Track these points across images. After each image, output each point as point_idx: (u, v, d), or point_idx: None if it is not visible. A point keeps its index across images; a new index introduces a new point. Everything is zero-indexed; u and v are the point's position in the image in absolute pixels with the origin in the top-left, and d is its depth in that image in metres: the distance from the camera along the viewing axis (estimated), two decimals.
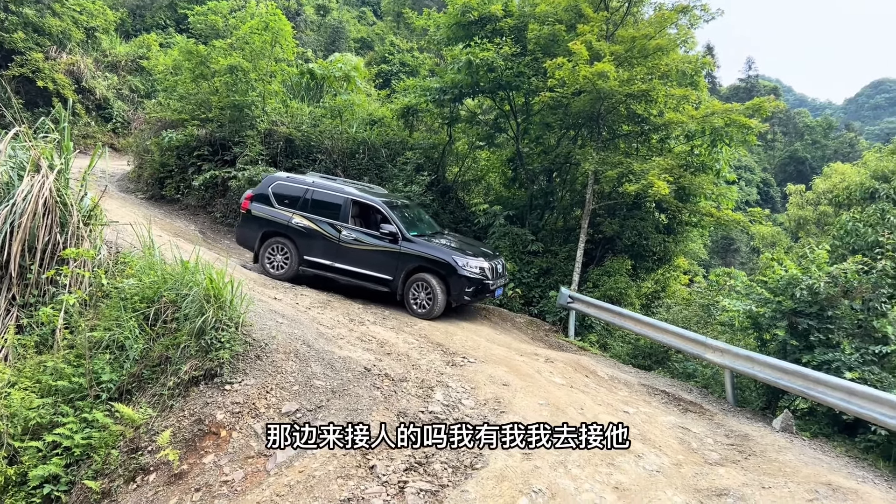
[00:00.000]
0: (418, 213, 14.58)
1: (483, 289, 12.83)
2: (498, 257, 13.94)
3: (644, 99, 16.17)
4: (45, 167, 10.34)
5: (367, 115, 19.82)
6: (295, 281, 13.56)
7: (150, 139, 19.01)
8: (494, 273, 13.18)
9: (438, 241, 13.25)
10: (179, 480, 7.11)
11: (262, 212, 13.73)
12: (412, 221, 13.68)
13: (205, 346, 8.34)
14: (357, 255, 13.11)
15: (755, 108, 15.93)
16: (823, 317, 10.53)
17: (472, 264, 12.69)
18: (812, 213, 32.32)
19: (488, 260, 13.15)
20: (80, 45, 26.53)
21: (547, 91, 15.92)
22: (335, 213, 13.35)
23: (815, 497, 6.55)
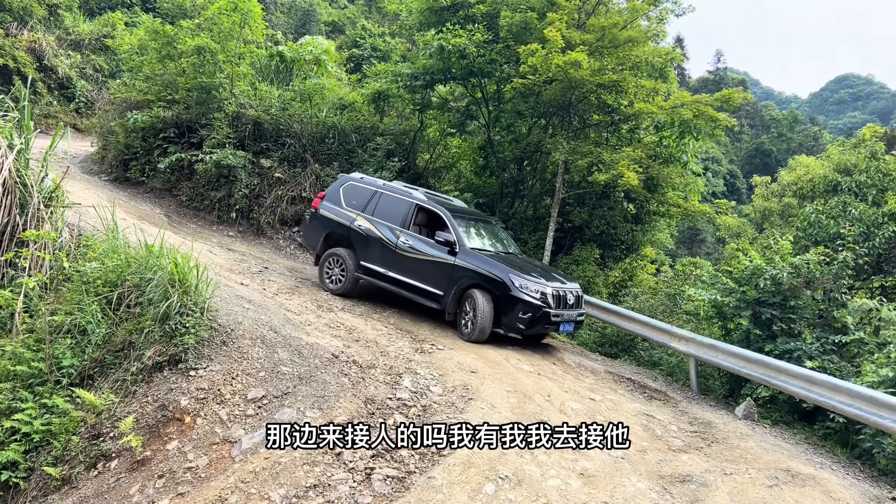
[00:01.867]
0: (493, 230, 12.99)
1: (541, 318, 10.67)
2: (570, 285, 11.63)
3: (615, 89, 16.24)
4: (5, 147, 10.05)
5: (337, 99, 19.62)
6: (352, 296, 12.47)
7: (115, 120, 18.59)
8: (560, 302, 10.96)
9: (505, 258, 11.54)
10: (142, 467, 7.01)
11: (329, 211, 12.85)
12: (481, 236, 12.11)
13: (169, 331, 8.21)
14: (410, 265, 11.68)
15: (724, 99, 16.10)
16: (786, 307, 10.73)
17: (532, 287, 10.70)
18: (777, 204, 32.87)
19: (553, 284, 11.08)
20: (41, 21, 25.82)
21: (519, 78, 15.91)
22: (397, 217, 12.11)
23: (775, 483, 6.69)
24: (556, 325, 10.98)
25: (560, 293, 10.99)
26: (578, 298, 11.56)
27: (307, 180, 17.23)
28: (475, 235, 11.92)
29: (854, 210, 15.56)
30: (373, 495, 6.20)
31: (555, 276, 11.68)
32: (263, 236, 16.62)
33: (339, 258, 12.46)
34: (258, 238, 16.53)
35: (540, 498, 6.06)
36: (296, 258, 15.94)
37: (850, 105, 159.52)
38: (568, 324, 11.21)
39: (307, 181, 17.21)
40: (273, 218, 16.77)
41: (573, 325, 11.46)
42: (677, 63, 19.30)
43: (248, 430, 7.32)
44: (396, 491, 6.24)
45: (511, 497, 6.04)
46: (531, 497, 6.06)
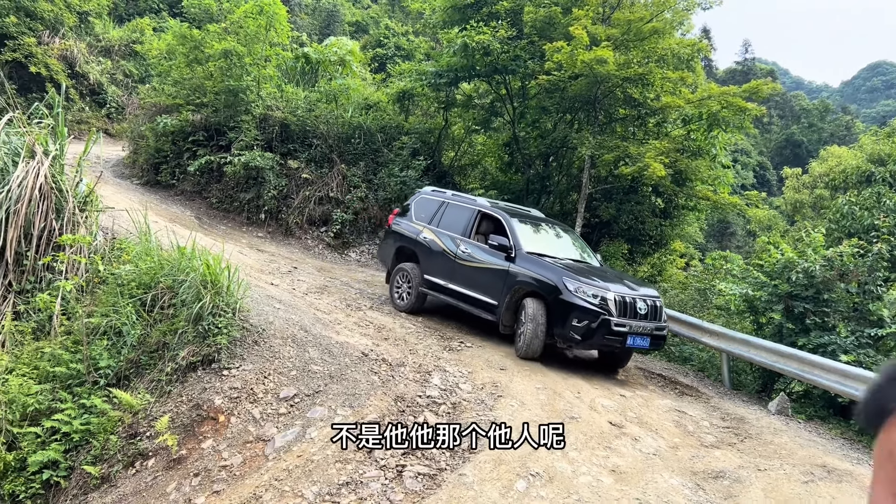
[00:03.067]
0: (566, 238, 11.67)
1: (600, 328, 9.14)
2: (643, 291, 9.98)
3: (641, 83, 16.12)
4: (40, 153, 10.29)
5: (362, 99, 19.72)
6: (419, 312, 11.74)
7: (145, 124, 18.89)
8: (627, 311, 9.37)
9: (568, 264, 10.17)
10: (178, 465, 7.14)
11: (400, 226, 12.40)
12: (548, 243, 10.98)
13: (202, 331, 8.34)
14: (468, 274, 10.80)
15: (752, 90, 15.90)
16: (819, 300, 10.57)
17: (588, 291, 9.28)
18: (808, 196, 32.33)
19: (617, 288, 9.58)
20: (73, 29, 26.30)
21: (544, 74, 15.86)
22: (460, 226, 11.38)
23: (811, 478, 6.61)
24: (622, 338, 9.28)
25: (627, 299, 9.41)
26: (655, 308, 9.70)
27: (334, 180, 17.35)
28: (541, 242, 10.78)
29: (889, 200, 15.25)
30: (404, 492, 6.25)
31: (625, 282, 10.12)
32: (292, 237, 16.78)
33: (406, 273, 11.83)
34: (287, 238, 16.69)
35: (571, 495, 6.06)
36: (324, 258, 16.07)
37: (884, 93, 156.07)
38: (640, 337, 9.40)
39: (334, 181, 17.33)
40: (301, 218, 16.92)
41: (648, 339, 9.52)
42: (704, 55, 19.07)
43: (280, 428, 7.41)
44: (428, 488, 6.28)
45: (542, 494, 6.04)
46: (563, 494, 6.06)
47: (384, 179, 17.43)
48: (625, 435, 7.60)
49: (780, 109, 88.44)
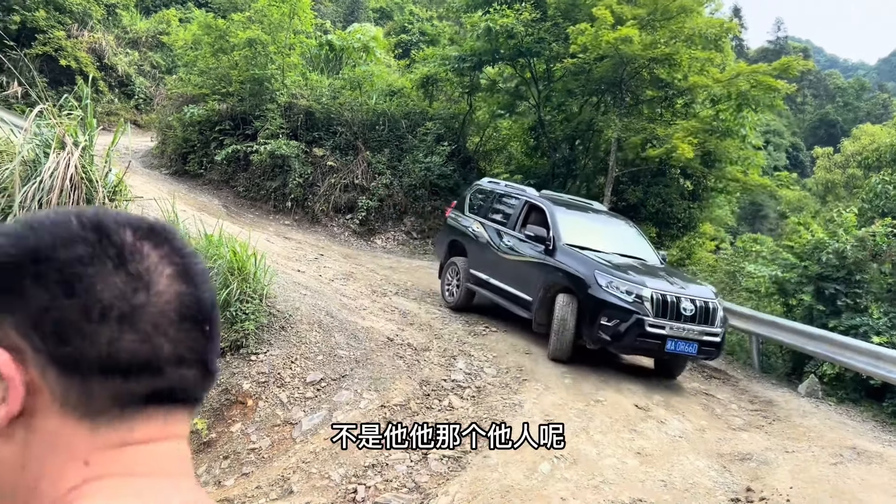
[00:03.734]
0: (621, 230, 10.68)
1: (632, 329, 8.17)
2: (692, 290, 8.86)
3: (668, 63, 15.88)
4: (70, 144, 10.45)
5: (386, 85, 19.71)
6: (467, 310, 11.09)
7: (172, 115, 19.09)
8: (668, 311, 8.29)
9: (614, 260, 9.17)
10: (208, 448, 7.27)
11: (454, 219, 11.93)
12: (598, 236, 9.96)
13: (230, 317, 8.46)
14: (508, 268, 10.16)
15: (783, 67, 15.57)
16: (851, 281, 10.40)
17: (622, 286, 8.37)
18: (840, 176, 31.66)
19: (657, 284, 8.56)
20: (101, 22, 26.62)
21: (569, 57, 15.71)
22: (506, 217, 10.73)
23: (840, 460, 6.53)
24: (659, 342, 8.21)
25: (668, 298, 8.32)
26: (706, 310, 8.48)
27: (359, 167, 17.40)
28: (589, 235, 9.79)
29: None
30: (429, 474, 6.30)
31: (674, 279, 9.03)
32: (318, 224, 16.89)
33: (455, 268, 11.31)
34: (313, 226, 16.81)
35: (596, 477, 6.06)
36: (350, 245, 16.17)
37: None
38: (683, 342, 8.27)
39: (359, 168, 17.39)
40: (327, 206, 17.02)
41: (695, 345, 8.34)
42: (734, 34, 18.73)
43: (307, 412, 7.52)
44: (452, 470, 6.33)
45: (567, 476, 6.05)
46: (587, 476, 6.07)
47: (408, 166, 17.45)
48: (650, 418, 7.57)
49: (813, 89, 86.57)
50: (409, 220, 17.53)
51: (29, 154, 10.34)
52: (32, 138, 10.53)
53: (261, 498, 6.32)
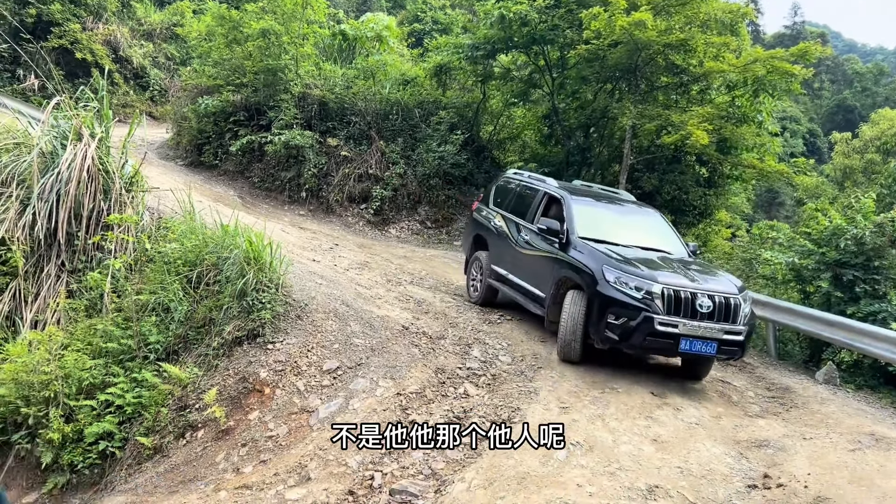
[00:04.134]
0: (646, 222, 9.94)
1: (641, 327, 7.63)
2: (712, 284, 8.07)
3: (683, 49, 15.72)
4: (87, 136, 10.55)
5: (399, 75, 19.68)
6: (490, 305, 10.76)
7: (187, 106, 19.18)
8: (682, 308, 7.70)
9: (630, 254, 8.50)
10: (226, 436, 7.35)
11: (479, 213, 11.51)
12: (619, 227, 9.41)
13: (246, 307, 8.53)
14: (523, 263, 9.75)
15: (800, 53, 15.39)
16: (870, 267, 10.30)
17: (630, 282, 7.81)
18: (859, 161, 31.29)
19: (670, 279, 7.90)
20: (115, 14, 26.75)
21: (582, 44, 15.60)
22: (526, 209, 10.19)
23: (858, 447, 6.49)
24: (671, 341, 7.66)
25: (682, 294, 7.70)
26: (727, 307, 7.82)
27: (373, 157, 17.42)
28: (609, 227, 9.24)
29: None
30: (445, 461, 6.34)
31: (692, 273, 8.29)
32: (333, 214, 16.94)
33: (479, 263, 10.98)
34: (328, 216, 16.86)
35: (612, 463, 6.07)
36: (365, 235, 16.21)
37: None
38: (700, 341, 7.68)
39: (373, 158, 17.40)
40: (342, 196, 17.06)
41: (714, 344, 7.73)
42: (750, 19, 18.49)
43: (324, 399, 7.58)
44: (468, 457, 6.36)
45: (583, 463, 6.07)
46: (603, 463, 6.08)
47: (422, 155, 17.44)
48: (666, 405, 7.56)
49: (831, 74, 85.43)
50: (423, 209, 17.54)
51: (47, 146, 10.46)
52: (50, 130, 10.64)
53: (279, 485, 6.39)
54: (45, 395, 7.67)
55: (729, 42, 15.83)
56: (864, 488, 5.53)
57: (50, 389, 7.68)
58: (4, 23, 22.59)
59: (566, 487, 5.61)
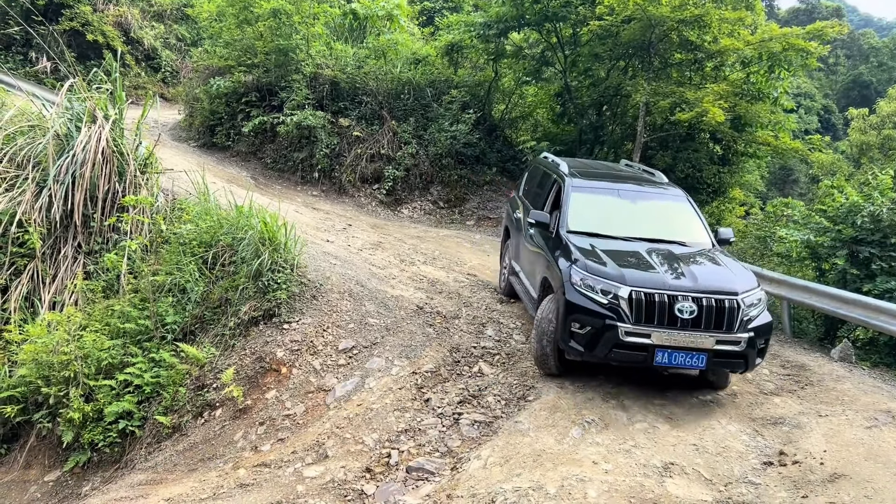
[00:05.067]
0: (672, 209, 8.59)
1: (606, 336, 6.62)
2: (704, 283, 6.80)
3: (697, 25, 15.54)
4: (101, 118, 10.59)
5: (411, 54, 19.55)
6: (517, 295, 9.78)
7: (199, 87, 19.15)
8: (656, 313, 6.59)
9: (621, 248, 7.52)
10: (244, 415, 7.44)
11: (511, 202, 10.95)
12: (624, 218, 8.20)
13: (262, 287, 8.59)
14: (525, 260, 9.15)
15: (816, 32, 15.22)
16: (886, 244, 10.21)
17: (595, 285, 6.79)
18: (875, 137, 30.89)
19: (646, 277, 6.82)
20: None
21: (595, 20, 15.45)
22: (540, 199, 9.35)
23: (874, 424, 6.49)
24: (643, 353, 6.59)
25: (655, 297, 6.59)
26: (721, 310, 6.61)
27: (385, 137, 17.37)
28: (613, 215, 8.22)
29: None
30: (461, 439, 6.40)
31: (692, 267, 7.12)
32: (345, 194, 16.95)
33: (505, 256, 10.52)
34: (340, 196, 16.88)
35: (627, 441, 6.10)
36: (377, 215, 16.23)
37: None
38: (683, 353, 6.56)
39: (385, 138, 17.36)
40: (354, 176, 17.05)
41: (703, 357, 6.57)
42: None
43: (340, 378, 7.64)
44: (484, 435, 6.42)
45: (598, 440, 6.10)
46: (618, 440, 6.11)
47: (434, 135, 17.37)
48: (681, 383, 7.57)
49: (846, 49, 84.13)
50: (435, 189, 17.51)
51: (62, 128, 10.51)
52: (64, 113, 10.68)
53: (297, 462, 6.47)
54: (65, 375, 7.77)
55: (744, 17, 15.63)
56: (881, 465, 5.53)
57: (69, 369, 7.77)
58: (17, 5, 22.61)
59: (582, 465, 5.65)
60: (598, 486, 5.29)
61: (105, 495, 6.81)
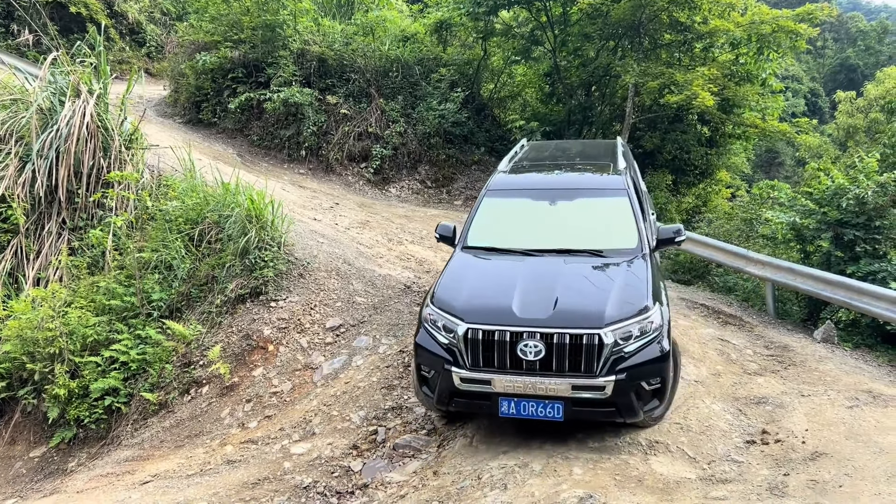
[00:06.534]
0: (603, 206, 7.02)
1: (442, 384, 5.61)
2: (569, 312, 5.50)
3: (687, 6, 15.50)
4: (85, 92, 10.44)
5: (399, 31, 19.37)
6: None
7: (185, 63, 18.89)
8: (499, 352, 5.44)
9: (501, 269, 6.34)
10: (231, 392, 7.44)
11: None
12: (547, 224, 7.00)
13: (249, 265, 8.56)
14: None
15: (806, 14, 15.23)
16: (871, 227, 10.30)
17: (438, 320, 5.75)
18: (862, 120, 31.04)
19: (491, 309, 5.63)
20: None
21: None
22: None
23: (855, 403, 6.58)
24: (486, 401, 5.51)
25: (496, 335, 5.42)
26: (576, 348, 5.31)
27: (372, 115, 17.26)
28: (528, 225, 7.00)
29: None
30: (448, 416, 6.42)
31: (570, 290, 5.77)
32: (333, 173, 16.85)
33: None
34: (328, 175, 16.78)
35: None
36: (365, 194, 16.16)
37: None
38: (535, 402, 5.39)
39: (372, 116, 17.24)
40: (341, 154, 16.94)
41: (559, 406, 5.35)
42: None
43: (327, 356, 7.66)
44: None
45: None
46: None
47: (422, 113, 17.28)
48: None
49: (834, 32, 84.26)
50: (423, 168, 17.44)
51: (45, 102, 10.35)
52: (47, 86, 10.52)
53: (284, 439, 6.49)
54: (50, 352, 7.73)
55: (734, 1, 15.59)
56: (861, 444, 5.62)
57: (55, 346, 7.73)
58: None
59: (567, 443, 5.70)
60: (582, 464, 5.34)
61: (91, 471, 6.81)
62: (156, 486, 5.94)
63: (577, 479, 5.15)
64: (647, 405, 5.47)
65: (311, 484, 5.71)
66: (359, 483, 5.72)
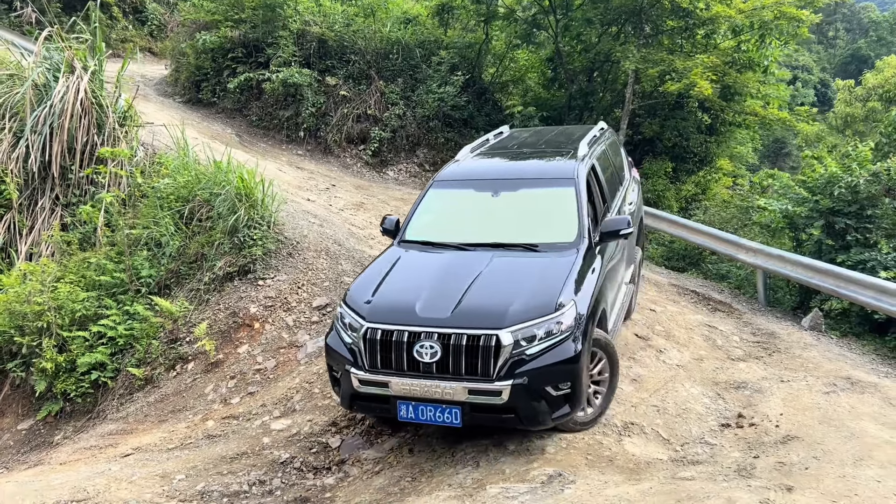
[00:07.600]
0: (546, 196, 6.61)
1: (344, 386, 5.50)
2: (469, 311, 5.24)
3: None
4: (80, 68, 10.46)
5: (401, 13, 19.28)
6: None
7: (186, 42, 18.88)
8: (396, 354, 5.22)
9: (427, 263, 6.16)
10: (216, 368, 7.51)
11: None
12: (494, 215, 6.68)
13: (238, 243, 8.60)
14: None
15: (807, 1, 15.11)
16: (862, 216, 10.29)
17: (345, 318, 5.61)
18: (861, 109, 30.78)
19: (392, 307, 5.48)
20: None
21: None
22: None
23: (832, 389, 6.61)
24: (385, 404, 5.33)
25: (397, 335, 5.21)
26: (473, 350, 5.04)
27: (372, 97, 17.22)
28: (467, 217, 6.78)
29: None
30: None
31: (466, 287, 5.42)
32: (331, 154, 16.85)
33: None
34: (326, 156, 16.78)
35: None
36: (362, 176, 16.17)
37: None
38: (432, 407, 5.14)
39: (372, 98, 17.21)
40: (340, 136, 16.93)
41: (457, 411, 5.08)
42: None
43: (312, 335, 7.71)
44: None
45: None
46: None
47: (422, 96, 17.24)
48: (650, 347, 7.67)
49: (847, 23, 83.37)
50: (421, 151, 17.43)
51: (40, 78, 10.38)
52: (42, 62, 10.54)
53: (265, 415, 6.57)
54: (39, 326, 7.81)
55: None
56: (833, 428, 5.65)
57: (43, 320, 7.81)
58: None
59: None
60: (555, 443, 5.39)
61: (76, 444, 6.90)
62: (136, 459, 6.02)
63: (549, 457, 5.21)
64: (558, 411, 5.10)
65: (289, 459, 5.78)
66: (335, 459, 5.80)
